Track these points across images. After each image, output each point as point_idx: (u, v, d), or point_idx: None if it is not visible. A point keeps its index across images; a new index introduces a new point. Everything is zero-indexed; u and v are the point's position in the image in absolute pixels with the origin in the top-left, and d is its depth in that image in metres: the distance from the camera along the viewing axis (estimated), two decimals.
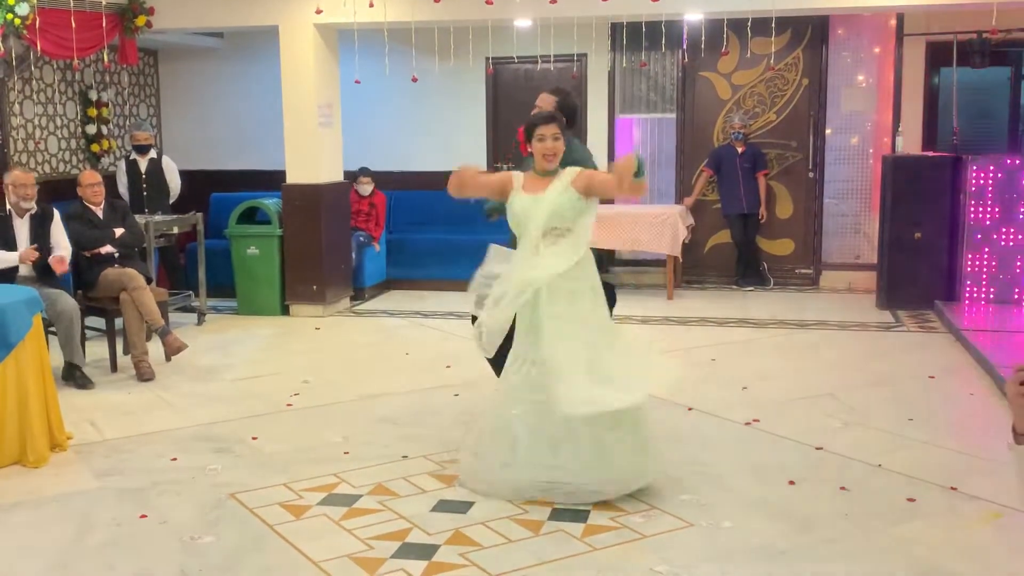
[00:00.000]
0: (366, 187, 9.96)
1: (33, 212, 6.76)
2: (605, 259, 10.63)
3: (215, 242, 9.56)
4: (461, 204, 9.35)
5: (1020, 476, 2.57)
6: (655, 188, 10.54)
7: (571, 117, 5.38)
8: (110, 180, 9.09)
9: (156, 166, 9.50)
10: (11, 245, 6.67)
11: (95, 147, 10.22)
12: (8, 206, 6.71)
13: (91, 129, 10.16)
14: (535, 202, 4.63)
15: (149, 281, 7.29)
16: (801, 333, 8.26)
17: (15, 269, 6.65)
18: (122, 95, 10.85)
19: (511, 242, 5.08)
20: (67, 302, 6.63)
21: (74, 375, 6.69)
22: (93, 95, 10.19)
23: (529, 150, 4.78)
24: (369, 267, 9.97)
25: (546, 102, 5.35)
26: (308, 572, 3.92)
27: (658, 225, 9.48)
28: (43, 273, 6.75)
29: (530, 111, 5.20)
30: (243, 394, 6.55)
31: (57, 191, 8.87)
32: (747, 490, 4.72)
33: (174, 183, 9.63)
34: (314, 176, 8.99)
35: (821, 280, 10.50)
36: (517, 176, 4.82)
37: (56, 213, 6.91)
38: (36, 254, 6.62)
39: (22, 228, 6.73)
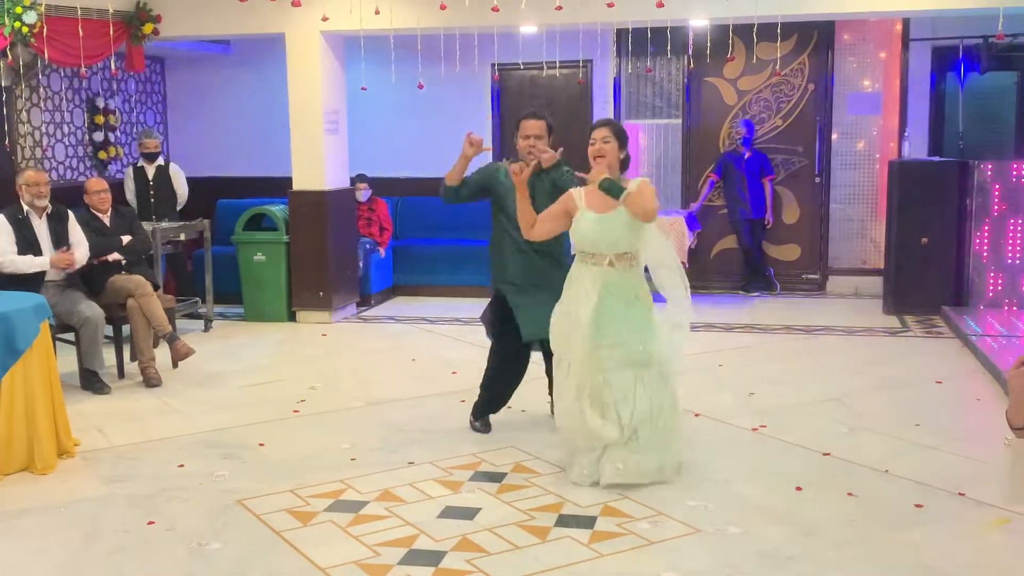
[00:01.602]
0: (363, 193, 9.97)
1: (50, 212, 6.78)
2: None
3: (222, 249, 9.58)
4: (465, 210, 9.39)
5: (1012, 474, 2.56)
6: (661, 194, 10.54)
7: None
8: (117, 187, 9.12)
9: (163, 173, 9.53)
10: (35, 246, 6.66)
11: (102, 154, 10.25)
12: (25, 207, 6.71)
13: (98, 136, 10.19)
14: (602, 224, 4.74)
15: (156, 288, 7.31)
16: (808, 338, 8.25)
17: (42, 273, 6.66)
18: (129, 102, 10.88)
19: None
20: (93, 309, 6.68)
21: (92, 382, 6.72)
22: (100, 102, 10.22)
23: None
24: (375, 273, 9.98)
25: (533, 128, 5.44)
26: None
27: (664, 230, 9.47)
28: (70, 279, 6.78)
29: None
30: (250, 400, 6.56)
31: (64, 198, 8.87)
32: (754, 496, 4.72)
33: (181, 190, 9.66)
34: (320, 183, 9.00)
35: (828, 285, 10.50)
36: (578, 193, 4.88)
37: (70, 213, 6.93)
38: (69, 257, 6.64)
39: (42, 228, 6.73)
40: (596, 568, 3.97)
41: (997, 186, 8.58)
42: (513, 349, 5.53)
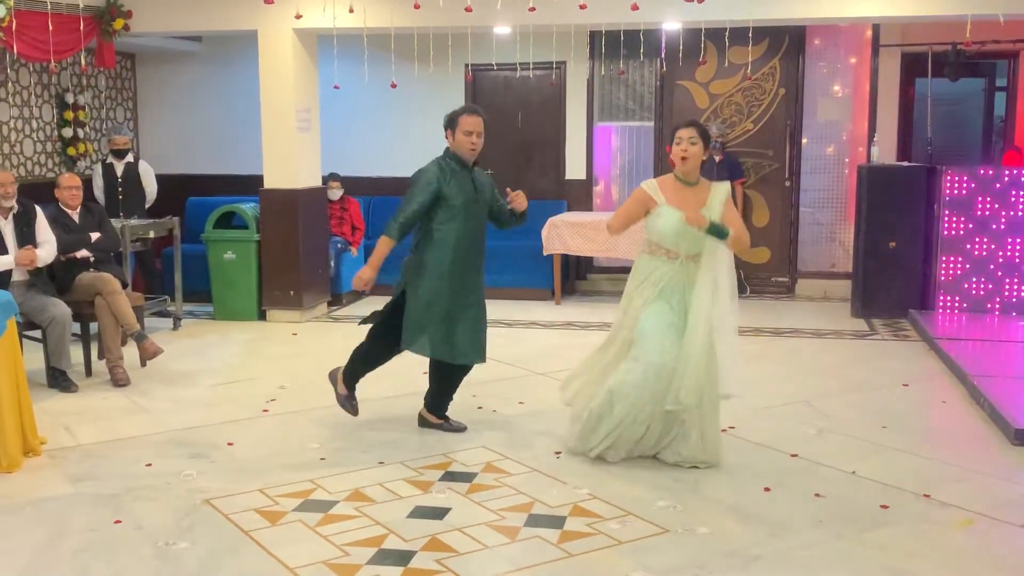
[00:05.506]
0: (335, 192, 9.95)
1: (16, 211, 6.67)
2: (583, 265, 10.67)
3: (191, 246, 9.52)
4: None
5: None
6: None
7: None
8: (86, 183, 9.03)
9: (133, 170, 9.46)
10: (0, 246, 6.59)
11: (71, 150, 10.15)
12: None
13: (67, 132, 10.10)
14: (687, 226, 4.90)
15: (125, 286, 7.24)
16: (777, 341, 8.31)
17: (8, 273, 6.56)
18: (99, 98, 10.79)
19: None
20: (61, 309, 6.60)
21: (59, 380, 6.66)
22: (70, 98, 10.13)
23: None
24: (347, 272, 9.95)
25: None
26: None
27: (635, 232, 9.48)
28: (37, 278, 6.69)
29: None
30: (219, 399, 6.53)
31: (32, 194, 8.79)
32: (723, 496, 4.75)
33: (150, 187, 9.59)
34: (292, 181, 8.97)
35: (797, 288, 10.58)
36: (652, 188, 5.08)
37: (39, 210, 6.83)
38: (34, 254, 6.54)
39: (7, 228, 6.63)
40: (565, 568, 3.98)
41: (964, 191, 8.67)
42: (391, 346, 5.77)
